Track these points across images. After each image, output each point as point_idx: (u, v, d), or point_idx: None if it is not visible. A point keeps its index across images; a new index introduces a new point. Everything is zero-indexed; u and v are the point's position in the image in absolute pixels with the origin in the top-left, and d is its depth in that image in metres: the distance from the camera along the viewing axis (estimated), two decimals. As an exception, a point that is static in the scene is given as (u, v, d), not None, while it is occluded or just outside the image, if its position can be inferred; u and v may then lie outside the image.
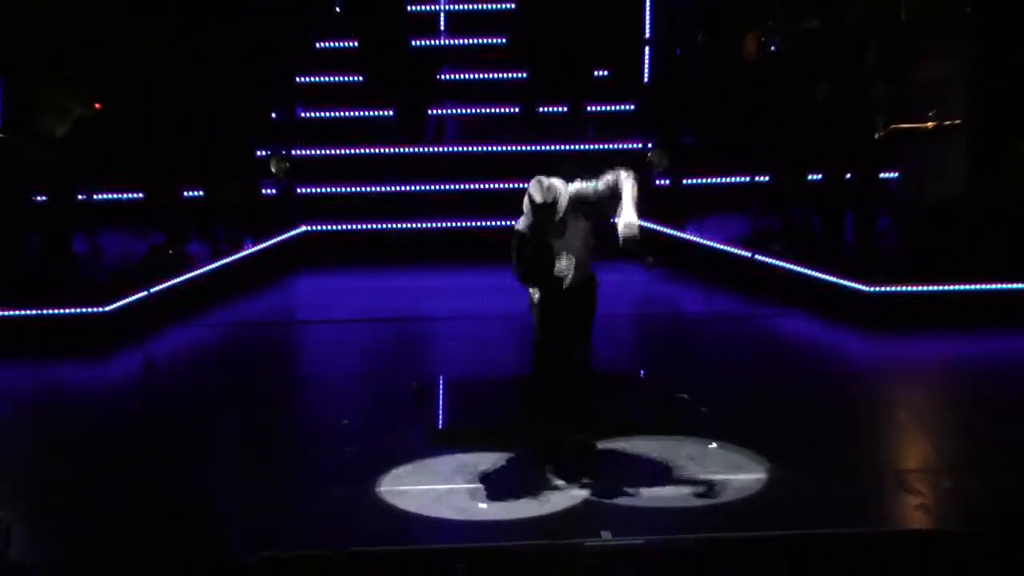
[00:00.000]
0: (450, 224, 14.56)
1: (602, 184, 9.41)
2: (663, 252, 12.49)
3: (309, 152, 14.80)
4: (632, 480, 9.42)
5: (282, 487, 9.46)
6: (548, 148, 14.83)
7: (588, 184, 9.43)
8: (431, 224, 14.60)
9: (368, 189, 14.75)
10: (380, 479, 9.48)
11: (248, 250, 13.88)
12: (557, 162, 9.37)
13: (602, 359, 10.12)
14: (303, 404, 11.40)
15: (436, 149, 15.17)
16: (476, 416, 10.79)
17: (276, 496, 9.32)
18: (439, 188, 14.78)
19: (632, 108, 15.26)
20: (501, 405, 10.80)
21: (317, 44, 15.52)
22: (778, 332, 12.69)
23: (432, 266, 14.23)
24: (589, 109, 15.23)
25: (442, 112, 15.47)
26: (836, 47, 13.15)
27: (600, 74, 15.26)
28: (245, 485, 9.48)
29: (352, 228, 14.54)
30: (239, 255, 13.78)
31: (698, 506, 9.16)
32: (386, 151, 14.93)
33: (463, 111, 15.55)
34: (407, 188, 14.77)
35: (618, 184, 9.39)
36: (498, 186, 14.12)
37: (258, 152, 14.12)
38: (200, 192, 13.81)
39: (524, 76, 15.20)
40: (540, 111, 15.18)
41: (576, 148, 14.91)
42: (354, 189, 14.74)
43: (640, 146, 14.71)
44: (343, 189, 14.75)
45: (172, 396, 11.37)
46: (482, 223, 14.08)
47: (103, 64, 13.20)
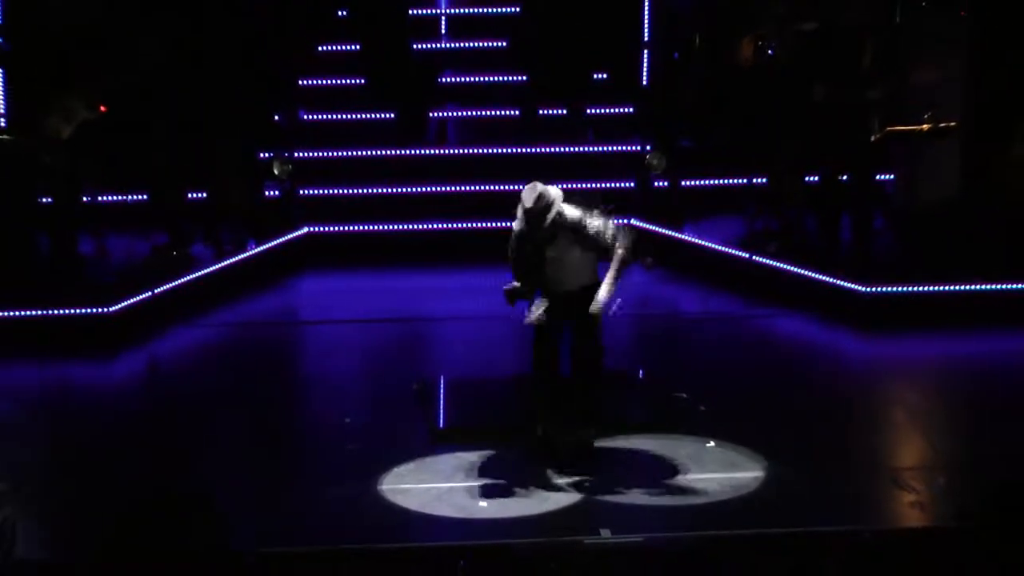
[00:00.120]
0: (451, 225, 14.61)
1: (593, 228, 9.29)
2: (662, 253, 12.50)
3: (311, 154, 14.85)
4: (631, 479, 9.47)
5: (285, 485, 9.51)
6: (548, 150, 14.90)
7: (588, 218, 9.32)
8: (432, 225, 14.64)
9: (370, 191, 14.80)
10: (382, 477, 9.53)
11: (251, 251, 13.93)
12: (569, 196, 9.37)
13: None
14: (306, 403, 11.45)
15: (437, 151, 15.24)
16: (477, 415, 10.85)
17: (279, 494, 9.36)
18: (440, 190, 14.84)
19: (631, 111, 15.30)
20: (501, 404, 10.86)
21: (319, 47, 15.55)
22: (775, 332, 12.74)
23: (433, 267, 14.27)
24: (588, 111, 15.28)
25: (443, 114, 15.55)
26: (832, 50, 13.21)
27: (599, 77, 15.28)
28: (248, 483, 9.52)
29: (354, 229, 14.59)
30: (242, 256, 13.81)
31: (697, 504, 9.22)
32: (388, 153, 14.99)
33: (464, 114, 15.62)
34: (408, 190, 14.83)
35: (608, 247, 9.32)
36: (498, 188, 14.15)
37: (261, 154, 14.17)
38: (204, 194, 13.87)
39: (524, 79, 15.25)
40: (540, 113, 15.23)
41: (576, 150, 15.01)
42: (356, 191, 14.79)
43: (639, 148, 14.78)
44: (345, 191, 14.80)
45: (176, 395, 11.40)
46: (482, 224, 14.11)
47: (108, 66, 13.24)
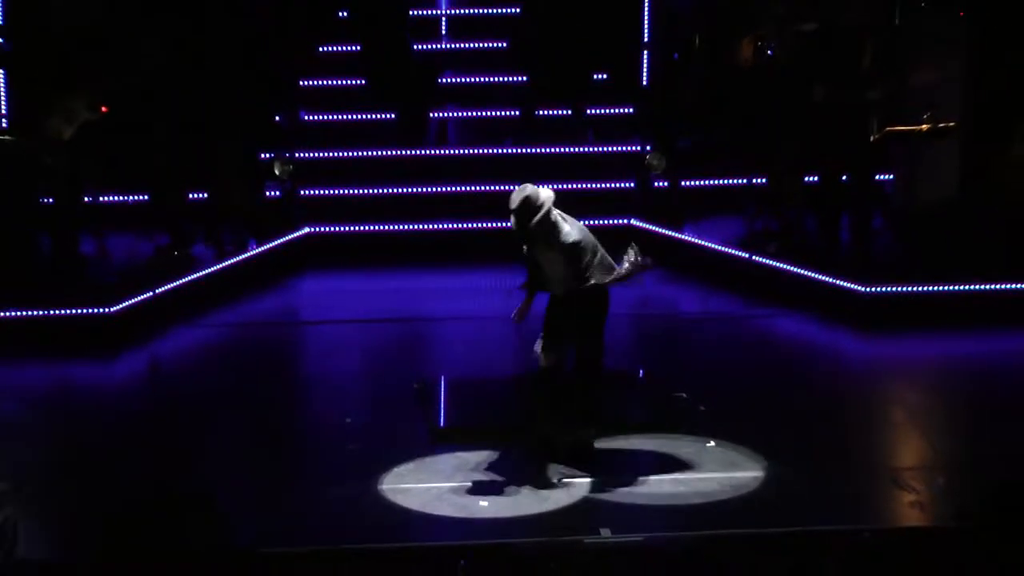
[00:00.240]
0: (451, 225, 14.63)
1: (565, 249, 9.27)
2: (661, 253, 12.52)
3: (312, 155, 14.89)
4: (631, 478, 9.49)
5: (285, 485, 9.51)
6: (548, 151, 14.94)
7: (563, 237, 9.29)
8: (433, 225, 14.67)
9: (370, 191, 14.83)
10: (382, 477, 9.54)
11: (252, 251, 13.95)
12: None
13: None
14: (306, 403, 11.46)
15: (438, 152, 15.27)
16: (477, 415, 10.86)
17: (280, 493, 9.37)
18: (440, 190, 14.87)
19: (631, 111, 15.33)
20: (502, 404, 10.88)
21: (320, 48, 15.58)
22: (775, 332, 12.75)
23: (433, 267, 14.29)
24: (589, 112, 15.31)
25: (443, 115, 15.57)
26: (832, 50, 13.23)
27: (599, 77, 15.31)
28: (249, 483, 9.53)
29: (355, 230, 14.62)
30: (244, 256, 13.84)
31: (696, 504, 9.23)
32: (388, 154, 15.02)
33: (464, 114, 15.65)
34: (409, 190, 14.85)
35: (578, 278, 9.32)
36: (498, 188, 14.15)
37: (262, 155, 14.19)
38: (205, 194, 13.89)
39: (524, 79, 15.28)
40: (540, 114, 15.26)
41: (576, 151, 15.03)
42: (357, 191, 14.82)
43: (639, 148, 14.81)
44: (346, 191, 14.83)
45: (177, 395, 11.41)
46: (483, 224, 14.16)
47: (109, 67, 13.27)
